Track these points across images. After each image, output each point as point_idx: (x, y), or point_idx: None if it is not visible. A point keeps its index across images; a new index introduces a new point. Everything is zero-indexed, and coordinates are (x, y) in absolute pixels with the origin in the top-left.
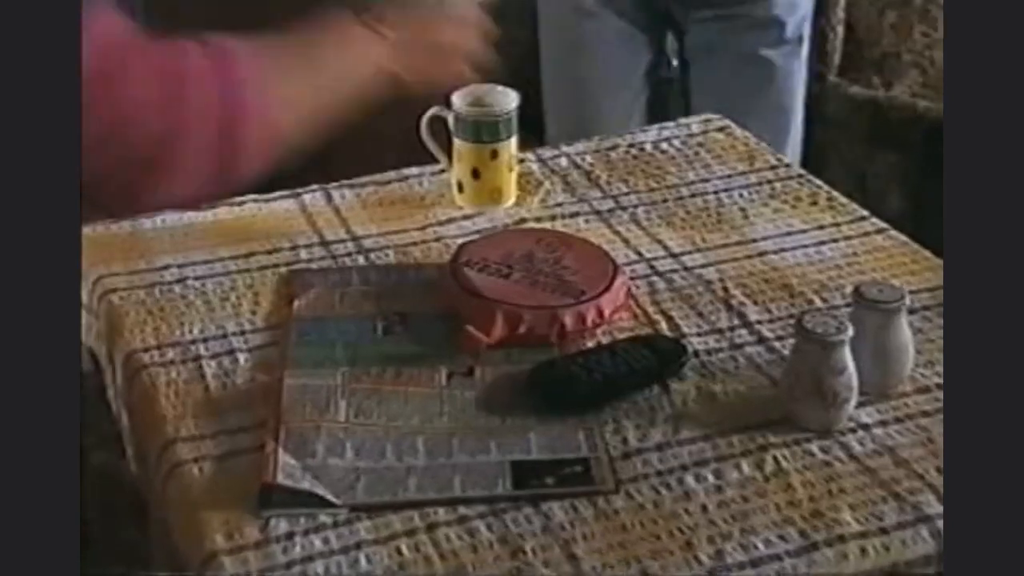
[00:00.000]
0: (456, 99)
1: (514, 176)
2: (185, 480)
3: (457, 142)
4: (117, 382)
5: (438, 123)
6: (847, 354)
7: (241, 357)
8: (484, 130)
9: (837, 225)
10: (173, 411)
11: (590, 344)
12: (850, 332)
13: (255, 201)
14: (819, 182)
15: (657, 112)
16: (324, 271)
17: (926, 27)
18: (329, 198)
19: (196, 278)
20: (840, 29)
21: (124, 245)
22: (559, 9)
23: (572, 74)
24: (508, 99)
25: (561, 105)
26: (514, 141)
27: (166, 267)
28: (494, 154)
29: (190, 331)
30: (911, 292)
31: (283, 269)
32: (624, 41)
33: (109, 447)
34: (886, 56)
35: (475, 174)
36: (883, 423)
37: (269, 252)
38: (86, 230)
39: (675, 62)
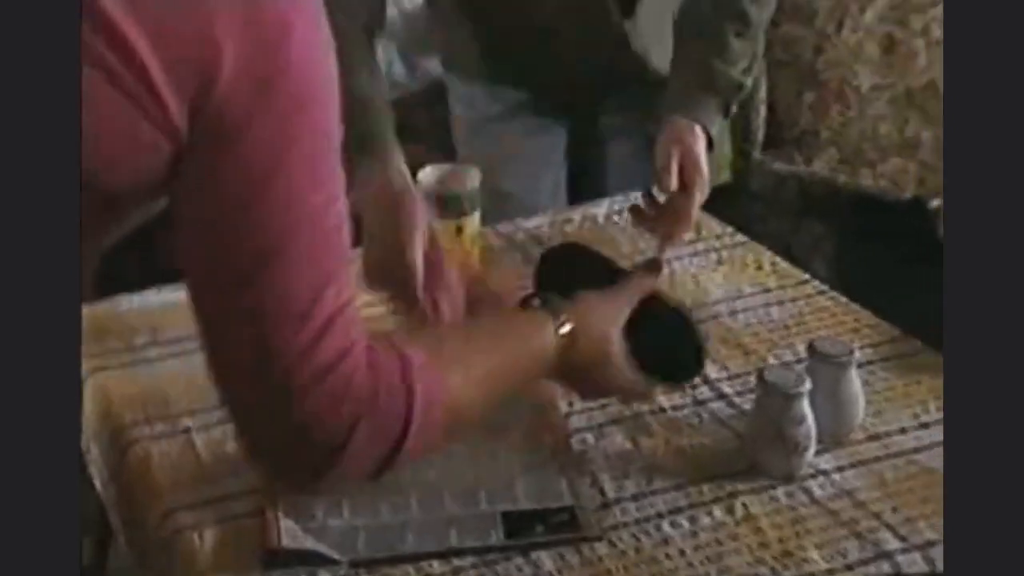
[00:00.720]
0: (421, 177)
1: (478, 250)
2: (187, 546)
3: None
4: (105, 459)
5: None
6: (806, 405)
7: (229, 429)
8: (449, 206)
9: (783, 288)
10: (169, 482)
11: None
12: (808, 385)
13: None
14: (762, 248)
15: (582, 188)
16: None
17: (841, 107)
18: None
19: (177, 355)
20: (763, 109)
21: (103, 325)
22: (470, 113)
23: (491, 172)
24: (471, 176)
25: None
26: (477, 216)
27: (147, 345)
28: (459, 229)
29: (177, 405)
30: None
31: None
32: (539, 133)
33: (94, 524)
34: (805, 134)
35: None
36: (840, 468)
37: None
38: None
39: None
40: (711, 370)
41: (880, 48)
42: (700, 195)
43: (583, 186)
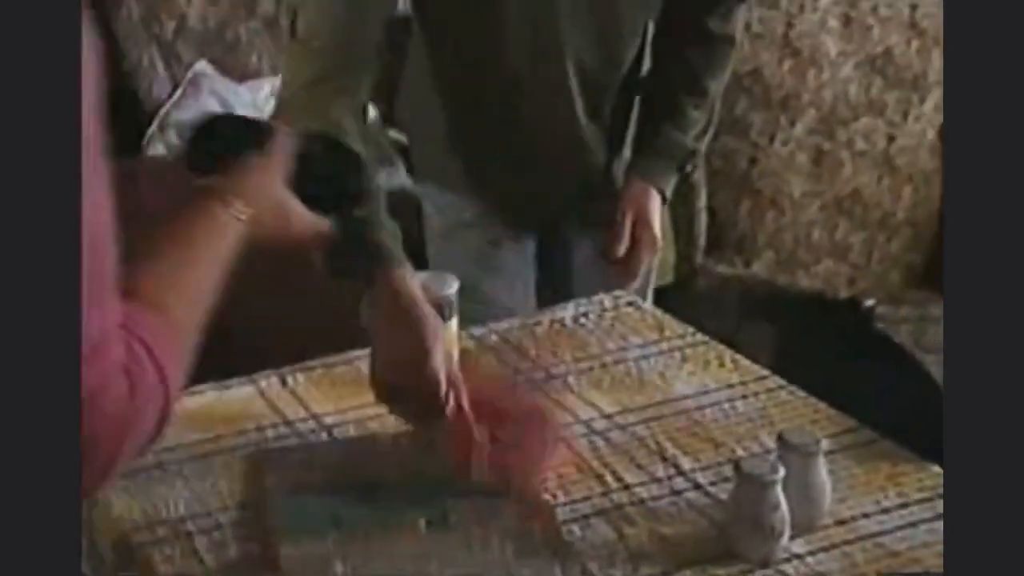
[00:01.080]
0: None
1: (455, 355)
2: None
3: None
4: (106, 566)
5: None
6: (780, 492)
7: (229, 531)
8: None
9: (744, 383)
10: None
11: None
12: (782, 472)
13: (213, 389)
14: (723, 347)
15: (549, 291)
16: (292, 448)
17: (776, 213)
18: (284, 382)
19: (172, 462)
20: (704, 215)
21: None
22: (441, 218)
23: (462, 276)
24: (449, 284)
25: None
26: (455, 323)
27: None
28: None
29: (176, 510)
30: None
31: (253, 448)
32: (508, 239)
33: None
34: (743, 238)
35: None
36: (812, 552)
37: (237, 434)
38: None
39: None
40: (684, 462)
41: (810, 159)
42: (647, 254)
43: (550, 289)
